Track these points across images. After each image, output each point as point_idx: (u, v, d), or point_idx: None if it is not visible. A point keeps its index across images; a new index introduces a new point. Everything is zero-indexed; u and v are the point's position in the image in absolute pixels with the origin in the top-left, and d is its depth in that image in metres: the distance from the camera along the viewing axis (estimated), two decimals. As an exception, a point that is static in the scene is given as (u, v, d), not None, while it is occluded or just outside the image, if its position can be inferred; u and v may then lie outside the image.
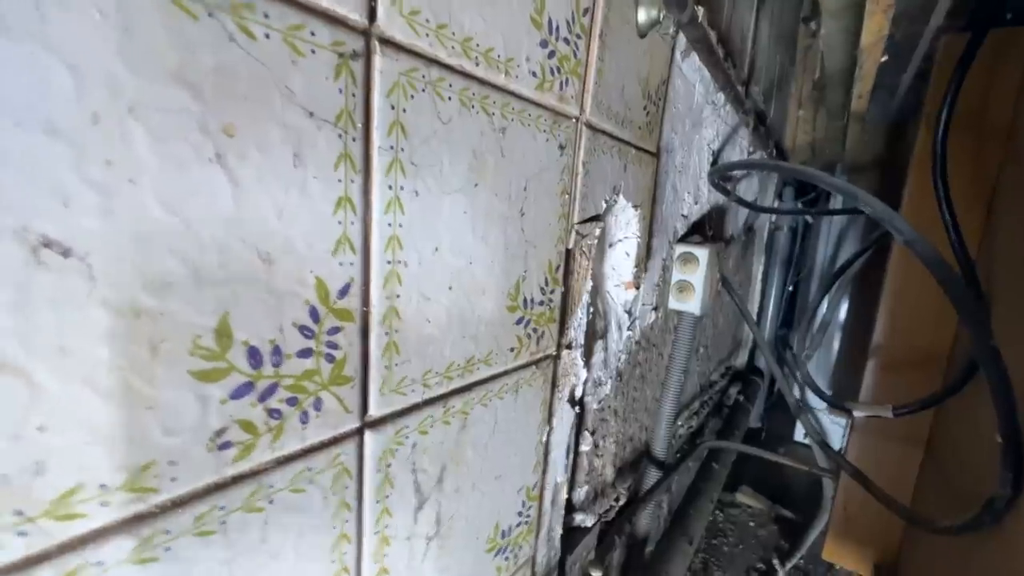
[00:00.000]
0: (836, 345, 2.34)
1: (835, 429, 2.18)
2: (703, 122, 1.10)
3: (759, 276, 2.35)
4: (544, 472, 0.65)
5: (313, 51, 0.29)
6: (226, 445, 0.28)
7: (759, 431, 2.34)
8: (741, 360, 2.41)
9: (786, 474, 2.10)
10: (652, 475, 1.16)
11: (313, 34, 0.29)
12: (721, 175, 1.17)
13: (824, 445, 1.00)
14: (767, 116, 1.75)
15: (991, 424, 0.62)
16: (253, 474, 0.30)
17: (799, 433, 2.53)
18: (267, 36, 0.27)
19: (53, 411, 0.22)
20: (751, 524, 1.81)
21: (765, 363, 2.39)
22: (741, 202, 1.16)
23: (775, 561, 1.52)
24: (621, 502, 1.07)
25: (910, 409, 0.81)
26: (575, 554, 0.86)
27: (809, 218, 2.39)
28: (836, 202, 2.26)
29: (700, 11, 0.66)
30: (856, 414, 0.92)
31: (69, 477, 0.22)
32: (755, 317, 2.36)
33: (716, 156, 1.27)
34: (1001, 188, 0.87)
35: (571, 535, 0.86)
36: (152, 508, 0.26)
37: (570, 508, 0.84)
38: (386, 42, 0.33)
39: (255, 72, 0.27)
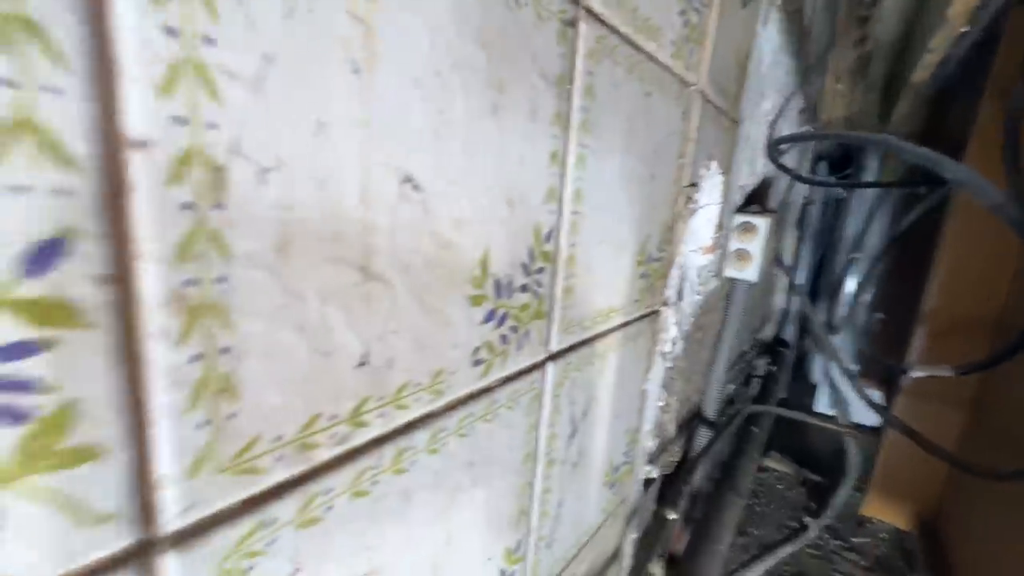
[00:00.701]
0: (862, 318, 2.38)
1: (854, 401, 2.24)
2: (765, 93, 1.12)
3: (791, 250, 2.38)
4: (642, 418, 0.71)
5: (549, 16, 0.33)
6: (479, 362, 0.33)
7: (784, 401, 2.41)
8: (768, 333, 2.47)
9: (810, 441, 2.17)
10: (703, 434, 1.23)
11: (550, 1, 0.33)
12: (778, 150, 1.20)
13: (875, 405, 1.06)
14: (815, 85, 1.75)
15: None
16: (489, 390, 0.35)
17: (819, 404, 2.60)
18: (525, 3, 0.31)
19: (401, 318, 0.26)
20: (779, 487, 1.89)
21: (795, 337, 2.44)
22: (800, 178, 1.19)
23: (806, 519, 1.60)
24: (678, 458, 1.14)
25: (974, 368, 0.86)
26: (644, 500, 0.93)
27: (843, 191, 2.40)
28: (868, 178, 2.27)
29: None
30: (915, 374, 0.97)
31: (401, 375, 0.27)
32: (785, 289, 2.40)
33: (772, 128, 1.29)
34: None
35: (644, 484, 0.92)
36: (439, 407, 0.31)
37: (646, 457, 0.90)
38: (588, 11, 0.37)
39: (519, 34, 0.30)
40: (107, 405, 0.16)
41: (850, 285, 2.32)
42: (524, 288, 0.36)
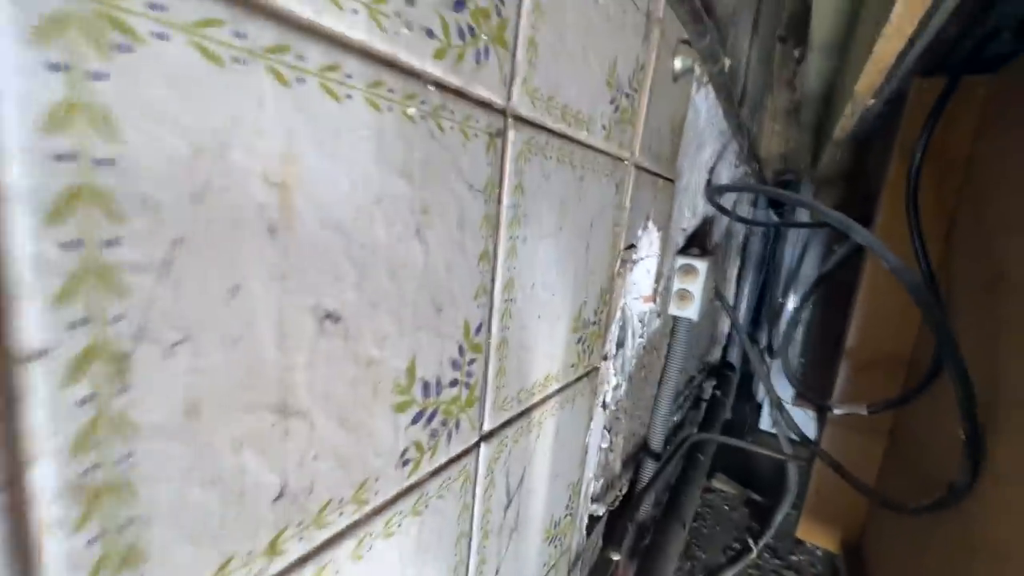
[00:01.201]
0: (800, 342, 2.53)
1: (797, 414, 2.38)
2: (704, 145, 1.20)
3: (734, 277, 2.52)
4: (583, 469, 0.73)
5: (476, 135, 0.35)
6: (406, 463, 0.34)
7: (730, 421, 2.51)
8: (716, 356, 2.58)
9: (755, 461, 2.27)
10: (649, 466, 1.27)
11: (477, 121, 0.35)
12: (718, 194, 1.28)
13: (804, 438, 1.13)
14: (752, 131, 1.87)
15: (950, 419, 0.74)
16: (418, 484, 0.36)
17: (764, 423, 2.73)
18: (451, 128, 0.32)
19: (321, 444, 0.27)
20: (725, 508, 1.96)
21: (739, 359, 2.55)
22: (740, 219, 1.27)
23: (749, 540, 1.67)
24: (624, 492, 1.17)
25: (883, 407, 0.94)
26: (590, 540, 0.95)
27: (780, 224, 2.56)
28: (805, 215, 2.44)
29: (727, 62, 0.74)
30: (836, 411, 1.05)
31: (323, 495, 0.28)
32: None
33: (711, 173, 1.37)
34: (959, 220, 1.00)
35: (589, 523, 0.94)
36: (364, 515, 0.31)
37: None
38: (517, 118, 0.39)
39: (443, 157, 0.32)
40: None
41: (788, 310, 2.48)
42: (454, 383, 0.38)
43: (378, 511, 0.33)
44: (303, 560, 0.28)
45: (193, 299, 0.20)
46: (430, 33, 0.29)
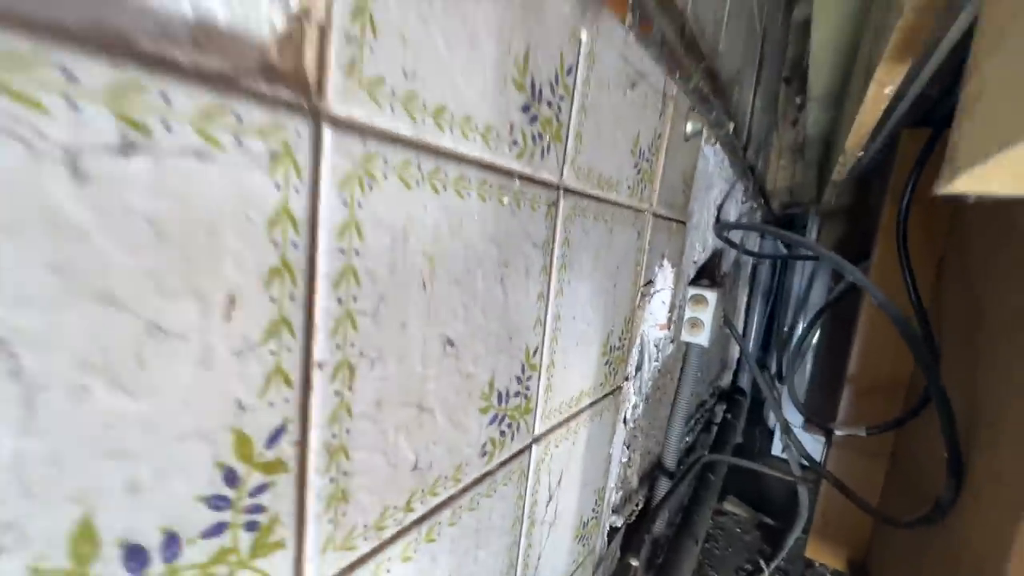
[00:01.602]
0: (809, 368, 2.60)
1: (806, 439, 2.43)
2: (712, 185, 1.32)
3: (743, 304, 2.61)
4: (607, 478, 0.83)
5: (539, 206, 0.47)
6: (485, 453, 0.45)
7: (742, 446, 2.56)
8: (726, 380, 2.65)
9: (766, 485, 2.31)
10: (663, 483, 1.35)
11: (540, 196, 0.47)
12: (725, 230, 1.39)
13: (810, 459, 1.21)
14: (757, 169, 2.00)
15: (941, 441, 0.83)
16: (491, 473, 0.47)
17: (776, 448, 2.77)
18: (525, 204, 0.44)
19: (439, 433, 0.38)
20: (737, 530, 2.00)
21: (749, 384, 2.61)
22: (746, 252, 1.37)
23: (761, 562, 1.72)
24: (640, 506, 1.25)
25: (880, 429, 1.02)
26: (610, 549, 1.04)
27: (787, 254, 2.65)
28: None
29: (731, 125, 0.87)
30: (837, 433, 1.13)
31: (436, 471, 0.39)
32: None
33: (719, 209, 1.49)
34: (947, 260, 1.10)
35: (609, 533, 1.03)
36: (458, 491, 0.42)
37: (612, 509, 1.01)
38: (567, 190, 0.51)
39: (519, 226, 0.44)
40: (289, 515, 0.27)
41: (796, 338, 2.56)
42: (517, 394, 0.49)
43: (466, 489, 0.43)
44: (421, 520, 0.38)
45: (385, 332, 0.32)
46: (515, 143, 0.41)
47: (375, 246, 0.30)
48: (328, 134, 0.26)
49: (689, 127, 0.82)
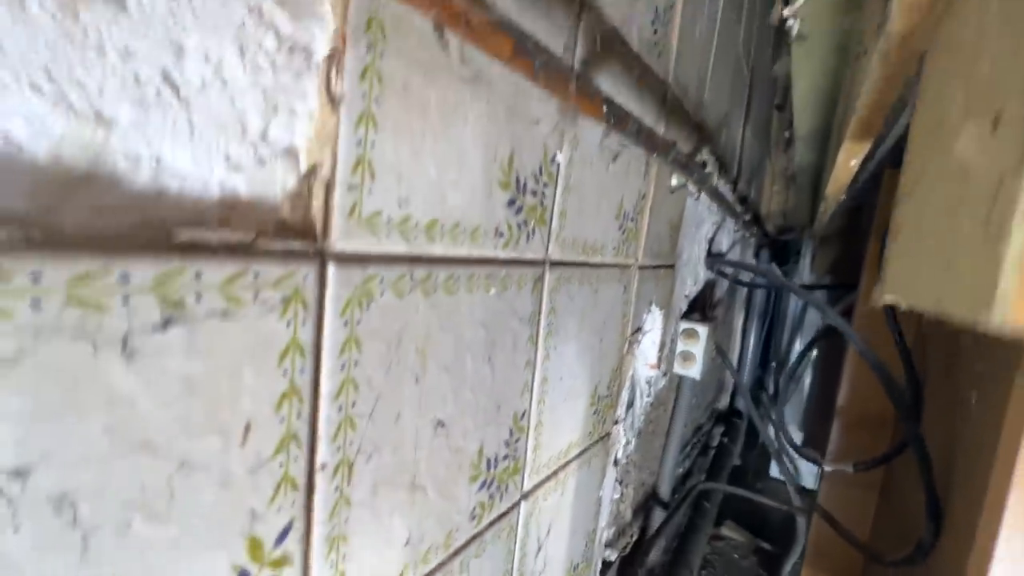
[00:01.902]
0: (807, 386, 2.62)
1: (804, 464, 2.44)
2: (703, 221, 1.36)
3: (740, 327, 2.64)
4: (597, 520, 0.86)
5: (525, 283, 0.51)
6: (474, 517, 0.48)
7: (740, 468, 2.57)
8: (724, 402, 2.67)
9: (764, 509, 2.32)
10: (658, 514, 1.37)
11: (526, 275, 0.51)
12: (718, 267, 1.43)
13: (801, 490, 1.23)
14: (749, 197, 2.04)
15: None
16: (480, 534, 0.50)
17: (774, 470, 2.78)
18: (511, 285, 0.48)
19: (430, 508, 0.42)
20: (735, 556, 2.01)
21: (746, 408, 2.63)
22: (738, 282, 1.41)
23: (757, 589, 1.72)
24: (634, 539, 1.27)
25: (867, 466, 1.05)
26: (604, 584, 1.06)
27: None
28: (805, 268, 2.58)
29: (715, 177, 0.91)
30: (826, 468, 1.16)
31: (428, 543, 0.42)
32: (736, 363, 2.63)
33: (711, 242, 1.53)
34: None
35: (602, 569, 1.05)
36: (448, 556, 0.46)
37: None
38: (552, 263, 0.55)
39: (506, 306, 0.48)
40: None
41: (788, 367, 2.59)
42: (505, 457, 0.52)
43: (457, 552, 0.47)
44: (414, 586, 0.42)
45: (380, 427, 0.35)
46: (501, 235, 0.45)
47: (372, 354, 0.34)
48: (332, 270, 0.30)
49: (674, 181, 0.87)
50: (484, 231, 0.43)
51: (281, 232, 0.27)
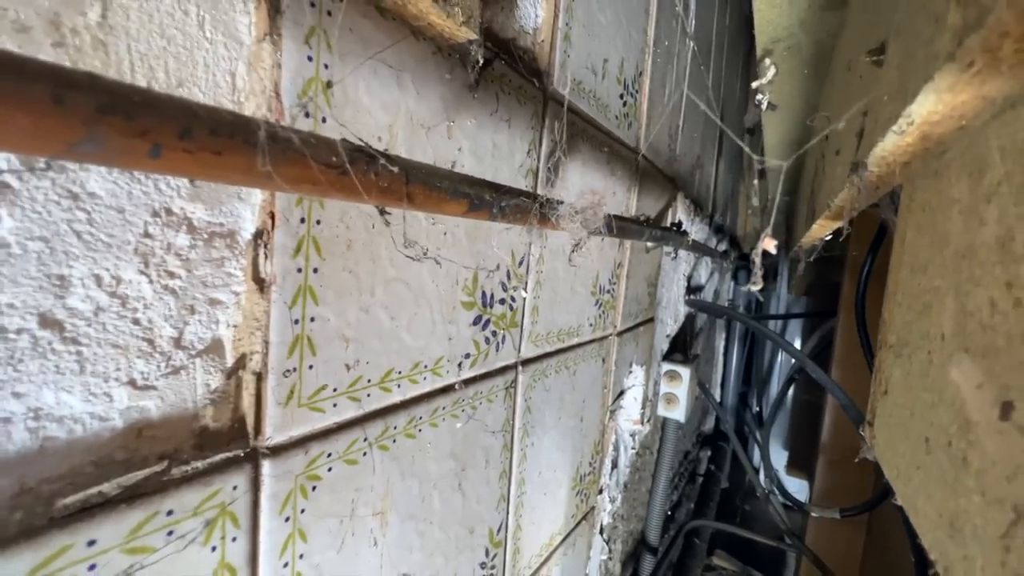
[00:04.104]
0: (790, 400, 2.64)
1: (791, 483, 2.45)
2: (680, 262, 1.35)
3: (721, 349, 2.65)
4: (585, 595, 0.82)
5: (496, 395, 0.48)
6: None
7: (728, 491, 2.56)
8: (709, 425, 2.67)
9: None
10: (648, 560, 1.34)
11: (497, 385, 0.48)
12: (697, 305, 1.43)
13: (790, 534, 1.22)
14: (725, 226, 2.06)
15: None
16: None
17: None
18: (480, 403, 0.45)
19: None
20: (727, 586, 1.98)
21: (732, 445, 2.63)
22: (719, 315, 1.40)
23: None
24: (625, 590, 1.24)
25: (853, 512, 1.04)
26: (596, 649, 1.02)
27: (760, 298, 2.72)
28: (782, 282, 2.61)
29: (691, 236, 0.90)
30: (813, 514, 1.15)
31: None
32: (719, 381, 2.64)
33: (689, 279, 1.52)
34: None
35: (593, 633, 1.01)
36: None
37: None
38: (525, 362, 0.52)
39: (476, 427, 0.45)
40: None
41: (775, 376, 2.60)
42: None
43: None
44: None
45: (334, 611, 0.31)
46: (467, 355, 0.42)
47: (320, 539, 0.30)
48: (267, 468, 0.26)
49: (650, 243, 0.85)
50: (448, 359, 0.40)
51: (203, 444, 0.24)
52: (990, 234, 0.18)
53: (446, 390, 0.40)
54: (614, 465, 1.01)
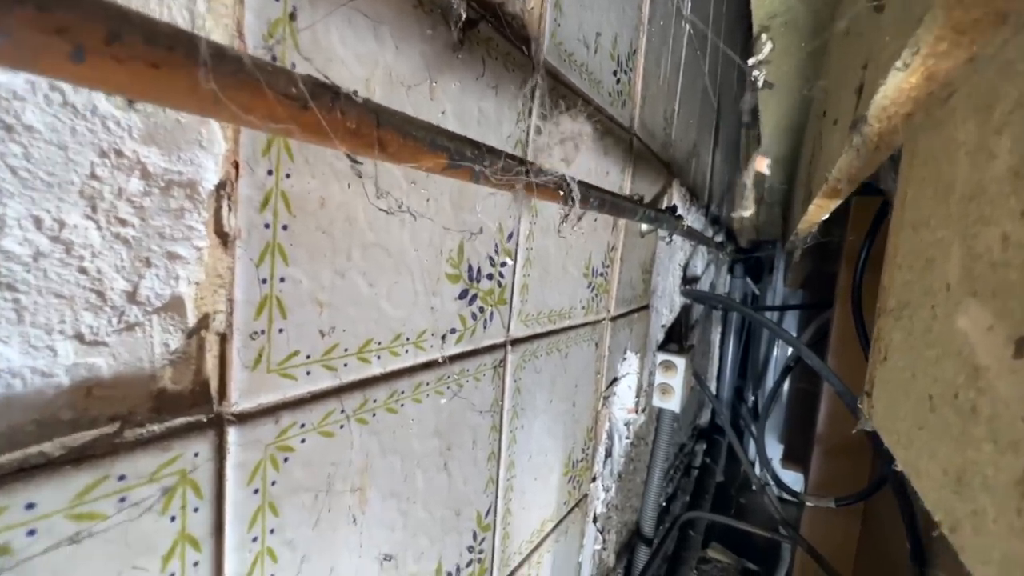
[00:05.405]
0: (786, 392, 2.64)
1: (787, 475, 2.45)
2: (676, 251, 1.34)
3: (717, 342, 2.64)
4: (578, 583, 0.81)
5: (484, 373, 0.46)
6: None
7: (723, 484, 2.56)
8: (704, 419, 2.67)
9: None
10: (643, 552, 1.33)
11: (485, 363, 0.46)
12: (694, 298, 1.42)
13: (785, 524, 1.21)
14: (721, 217, 2.05)
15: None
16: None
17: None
18: (467, 381, 0.44)
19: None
20: (721, 578, 1.98)
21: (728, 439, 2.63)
22: (714, 307, 1.39)
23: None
24: (620, 581, 1.23)
25: (848, 501, 1.03)
26: (589, 639, 1.01)
27: (756, 291, 2.72)
28: (777, 276, 2.60)
29: (685, 222, 0.89)
30: (808, 503, 1.14)
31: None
32: (715, 374, 2.64)
33: (684, 269, 1.51)
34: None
35: (587, 623, 1.00)
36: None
37: (588, 602, 0.99)
38: (515, 341, 0.51)
39: (462, 405, 0.43)
40: None
41: (771, 370, 2.60)
42: (470, 563, 0.48)
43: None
44: None
45: (309, 589, 0.30)
46: (453, 330, 0.41)
47: (293, 514, 0.29)
48: (233, 435, 0.25)
49: (644, 227, 0.84)
50: (432, 333, 0.38)
51: (161, 407, 0.22)
52: (1002, 166, 0.17)
53: (430, 365, 0.39)
54: (608, 454, 1.00)
